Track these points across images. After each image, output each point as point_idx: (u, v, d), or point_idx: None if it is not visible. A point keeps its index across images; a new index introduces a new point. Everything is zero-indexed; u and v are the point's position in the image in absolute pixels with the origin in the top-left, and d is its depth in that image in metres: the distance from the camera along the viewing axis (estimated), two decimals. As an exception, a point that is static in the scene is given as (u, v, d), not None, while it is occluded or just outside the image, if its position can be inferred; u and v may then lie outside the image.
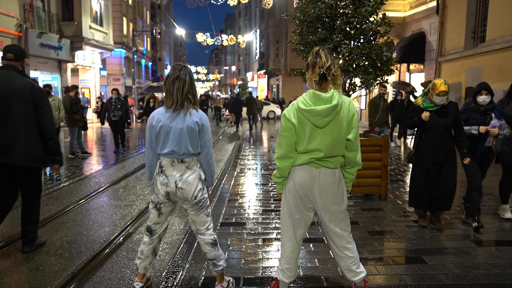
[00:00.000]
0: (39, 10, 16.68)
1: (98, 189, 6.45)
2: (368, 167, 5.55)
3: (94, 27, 20.78)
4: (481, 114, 4.53)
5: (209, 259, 2.98)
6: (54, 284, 3.19)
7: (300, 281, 3.23)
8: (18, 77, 3.60)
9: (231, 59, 75.65)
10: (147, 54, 39.75)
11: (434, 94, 4.21)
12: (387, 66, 5.81)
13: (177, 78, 2.76)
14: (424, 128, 4.41)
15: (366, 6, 5.71)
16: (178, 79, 2.76)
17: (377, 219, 4.86)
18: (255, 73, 52.16)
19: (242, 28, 58.65)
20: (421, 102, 4.42)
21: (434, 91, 4.21)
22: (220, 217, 4.92)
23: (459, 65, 12.60)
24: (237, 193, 6.19)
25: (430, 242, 4.07)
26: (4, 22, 14.07)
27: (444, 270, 3.40)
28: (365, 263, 3.55)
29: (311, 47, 5.89)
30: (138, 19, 35.00)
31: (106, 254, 3.81)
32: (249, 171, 8.04)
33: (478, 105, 4.54)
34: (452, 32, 13.13)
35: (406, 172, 7.83)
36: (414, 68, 16.38)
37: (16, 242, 4.08)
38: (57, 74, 18.55)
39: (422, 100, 4.45)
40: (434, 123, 4.31)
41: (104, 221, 4.87)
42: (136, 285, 3.00)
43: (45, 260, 3.65)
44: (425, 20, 14.90)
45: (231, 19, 73.37)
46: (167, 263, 3.57)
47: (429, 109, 4.33)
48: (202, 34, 33.85)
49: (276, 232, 4.37)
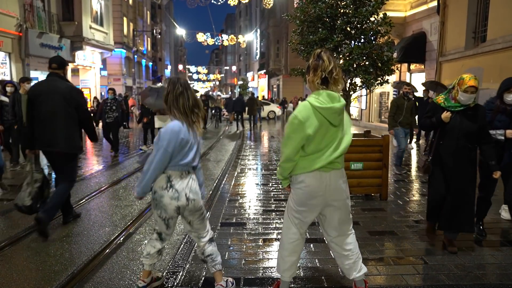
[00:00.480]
0: (39, 10, 16.68)
1: (98, 189, 6.44)
2: (369, 167, 5.55)
3: (95, 27, 20.78)
4: (508, 115, 3.94)
5: (207, 255, 2.97)
6: (54, 284, 3.19)
7: (300, 281, 3.22)
8: (61, 82, 4.38)
9: (231, 59, 75.65)
10: (147, 54, 39.76)
11: (461, 91, 3.61)
12: (388, 66, 5.82)
13: (181, 95, 2.77)
14: (443, 131, 3.79)
15: (366, 6, 5.72)
16: (182, 96, 2.77)
17: (377, 219, 4.85)
18: (255, 73, 52.17)
19: (242, 28, 58.66)
20: (443, 101, 3.81)
21: (460, 87, 3.61)
22: (220, 217, 4.92)
23: (460, 65, 12.59)
24: (238, 193, 6.18)
25: (431, 243, 4.06)
26: (4, 22, 14.07)
27: (445, 271, 3.40)
28: (366, 263, 3.53)
29: (312, 47, 5.89)
30: (138, 19, 35.01)
31: (107, 254, 3.81)
32: (249, 171, 8.03)
33: (506, 104, 3.95)
34: (452, 32, 13.12)
35: (408, 172, 7.83)
36: (415, 68, 16.38)
37: (16, 243, 4.08)
38: (57, 74, 18.54)
39: (444, 98, 3.83)
40: (455, 126, 3.68)
41: (104, 221, 4.86)
42: (139, 283, 2.99)
43: (46, 261, 3.64)
44: (425, 20, 14.90)
45: (232, 19, 73.36)
46: (168, 264, 3.57)
47: (451, 109, 3.72)
48: (203, 34, 33.89)
49: (276, 232, 4.36)
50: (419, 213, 5.09)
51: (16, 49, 14.95)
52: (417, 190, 6.39)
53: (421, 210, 5.21)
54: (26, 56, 15.38)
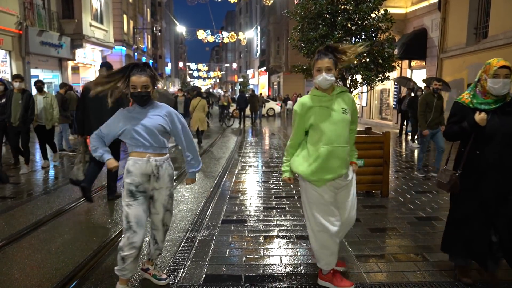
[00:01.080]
0: (39, 8, 16.66)
1: (98, 187, 6.44)
2: (369, 164, 5.54)
3: (95, 24, 20.76)
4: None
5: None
6: (55, 282, 3.19)
7: (301, 278, 3.22)
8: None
9: (232, 57, 75.53)
10: (147, 51, 39.68)
11: (490, 78, 2.83)
12: (389, 62, 5.80)
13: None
14: (478, 137, 2.92)
15: (367, 2, 5.69)
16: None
17: (378, 216, 4.85)
18: (256, 70, 52.09)
19: (242, 25, 58.52)
20: (470, 99, 3.01)
21: (489, 73, 2.84)
22: (221, 214, 4.92)
23: (461, 62, 12.56)
24: (238, 190, 6.18)
25: (432, 239, 4.06)
26: (4, 20, 14.05)
27: (447, 268, 3.39)
28: (367, 260, 3.54)
29: (312, 44, 5.87)
30: (138, 16, 34.92)
31: (108, 252, 3.81)
32: (250, 168, 8.03)
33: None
34: (454, 28, 13.08)
35: (409, 168, 7.81)
36: (416, 64, 16.33)
37: (17, 241, 4.08)
38: (57, 72, 18.55)
39: (470, 95, 3.03)
40: (496, 130, 2.84)
41: (105, 219, 4.86)
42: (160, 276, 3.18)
43: (47, 258, 3.65)
44: (426, 16, 14.84)
45: (232, 16, 73.20)
46: (168, 261, 3.57)
47: (483, 107, 2.91)
48: (203, 31, 33.78)
49: (277, 229, 4.36)
50: (420, 210, 5.08)
51: (17, 47, 14.94)
52: (418, 187, 6.38)
53: (422, 207, 5.21)
54: (27, 54, 15.38)
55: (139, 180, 2.86)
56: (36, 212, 5.05)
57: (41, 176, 7.32)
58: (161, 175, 2.92)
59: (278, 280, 3.21)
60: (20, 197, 5.81)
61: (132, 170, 2.87)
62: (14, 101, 7.17)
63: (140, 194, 2.88)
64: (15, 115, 7.16)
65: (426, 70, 15.15)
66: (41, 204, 5.45)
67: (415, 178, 7.02)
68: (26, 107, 7.21)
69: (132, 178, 2.87)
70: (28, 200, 5.64)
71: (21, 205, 5.42)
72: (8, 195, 5.88)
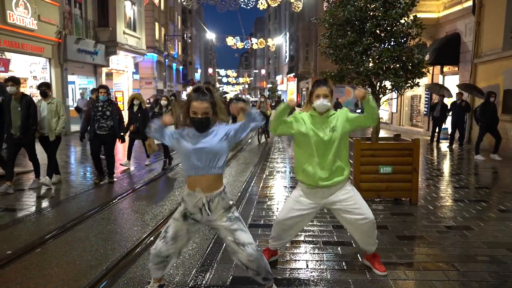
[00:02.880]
0: (77, 17, 17.44)
1: (130, 190, 6.67)
2: (398, 171, 5.46)
3: (128, 32, 21.47)
4: None
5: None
6: (90, 278, 3.35)
7: (327, 283, 3.24)
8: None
9: (260, 62, 75.96)
10: (178, 58, 40.58)
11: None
12: (419, 68, 5.69)
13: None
14: None
15: (396, 8, 5.63)
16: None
17: (407, 224, 4.77)
18: (284, 76, 52.14)
19: (271, 31, 58.84)
20: None
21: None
22: (248, 218, 4.99)
23: (497, 67, 12.13)
24: (266, 195, 6.24)
25: (463, 249, 3.96)
26: (46, 30, 14.81)
27: (478, 278, 3.31)
28: (394, 267, 3.51)
29: (341, 50, 5.87)
30: (169, 23, 35.82)
31: (138, 251, 3.96)
32: (277, 173, 8.07)
33: None
34: (489, 32, 12.67)
35: (440, 176, 7.62)
36: (448, 70, 15.89)
37: (55, 238, 4.31)
38: (92, 78, 19.28)
39: None
40: None
41: (136, 220, 5.04)
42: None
43: (82, 256, 3.83)
44: (460, 20, 14.44)
45: (261, 22, 73.75)
46: (197, 262, 3.67)
47: None
48: (232, 38, 34.23)
49: (304, 234, 4.38)
50: (450, 219, 4.96)
51: (56, 55, 15.69)
52: (449, 195, 6.23)
53: (452, 216, 5.08)
54: (64, 61, 16.11)
55: (191, 210, 2.83)
56: (70, 212, 5.31)
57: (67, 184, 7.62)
58: (213, 209, 2.80)
59: (304, 284, 3.24)
60: (55, 198, 6.11)
61: (186, 200, 2.84)
62: (13, 108, 6.12)
63: (192, 220, 2.85)
64: (15, 124, 6.14)
65: (459, 75, 14.72)
66: (75, 204, 5.71)
67: (446, 186, 6.85)
68: (27, 115, 6.11)
69: (185, 207, 2.85)
70: (60, 202, 5.92)
71: (56, 206, 5.70)
72: (50, 196, 6.19)
